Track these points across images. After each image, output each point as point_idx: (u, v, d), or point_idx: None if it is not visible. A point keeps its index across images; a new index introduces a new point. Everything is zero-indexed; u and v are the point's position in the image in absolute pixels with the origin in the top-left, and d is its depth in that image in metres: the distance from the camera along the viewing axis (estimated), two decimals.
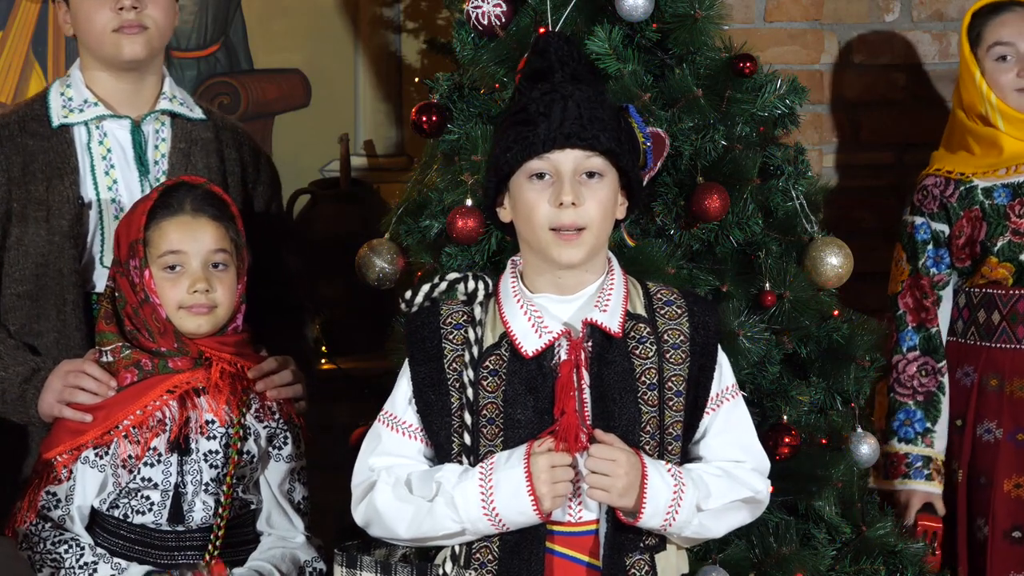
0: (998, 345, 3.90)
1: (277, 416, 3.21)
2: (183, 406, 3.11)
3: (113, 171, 3.39)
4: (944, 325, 3.96)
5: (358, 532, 2.86)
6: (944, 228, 3.93)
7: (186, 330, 3.13)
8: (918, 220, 3.95)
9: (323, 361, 4.19)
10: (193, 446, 3.11)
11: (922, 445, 3.90)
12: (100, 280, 3.36)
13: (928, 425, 3.90)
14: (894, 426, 3.92)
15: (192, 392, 3.12)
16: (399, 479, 2.76)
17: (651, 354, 2.75)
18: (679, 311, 2.80)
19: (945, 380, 3.92)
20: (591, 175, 2.71)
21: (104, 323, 3.19)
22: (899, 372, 3.92)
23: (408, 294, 2.82)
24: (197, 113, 3.50)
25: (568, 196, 2.68)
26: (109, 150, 3.40)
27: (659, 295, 2.82)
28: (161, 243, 3.13)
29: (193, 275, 3.12)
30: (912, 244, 3.95)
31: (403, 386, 2.81)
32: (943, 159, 4.00)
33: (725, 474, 2.78)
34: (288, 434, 3.22)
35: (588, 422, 2.70)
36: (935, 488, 3.90)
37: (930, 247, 3.94)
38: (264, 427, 3.19)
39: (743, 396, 2.87)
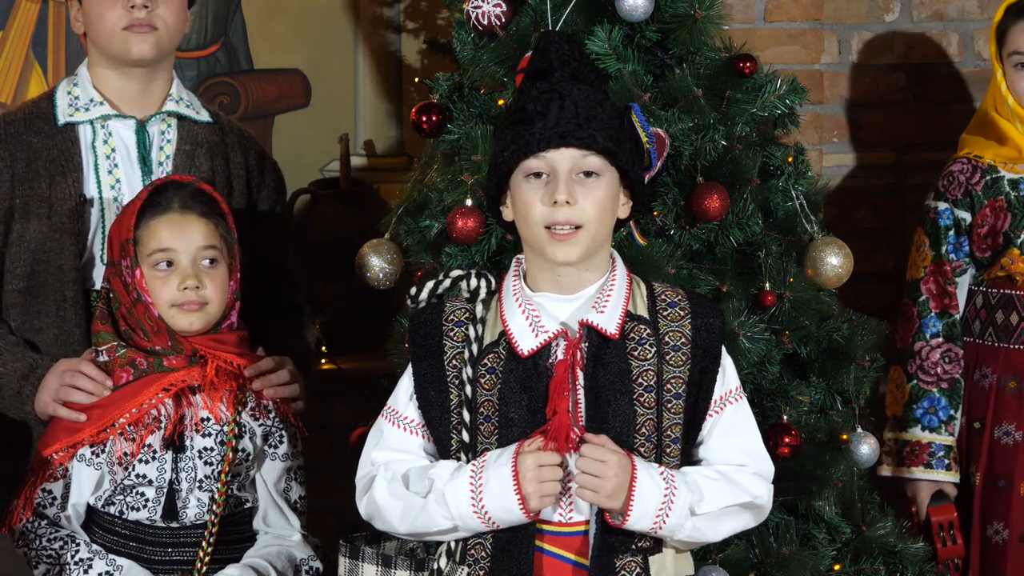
0: (1016, 346, 3.86)
1: (273, 415, 3.21)
2: (178, 404, 3.12)
3: (116, 170, 3.40)
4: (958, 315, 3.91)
5: (359, 530, 2.88)
6: (966, 216, 3.88)
7: (179, 327, 3.13)
8: (941, 206, 3.90)
9: (323, 361, 4.19)
10: (188, 443, 3.11)
11: (945, 434, 3.86)
12: (100, 278, 3.35)
13: (952, 413, 3.86)
14: (916, 414, 3.87)
15: (187, 390, 3.13)
16: (396, 474, 2.76)
17: (650, 356, 2.74)
18: (682, 313, 2.78)
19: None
20: (588, 174, 2.71)
21: (99, 323, 3.20)
22: (923, 359, 3.87)
23: (413, 290, 2.83)
24: (204, 116, 3.51)
25: (562, 195, 2.68)
26: (113, 149, 3.41)
27: (663, 296, 2.80)
28: (151, 241, 3.13)
29: (183, 272, 3.13)
30: (935, 230, 3.90)
31: (405, 382, 2.82)
32: (972, 143, 3.94)
33: (723, 478, 2.76)
34: (284, 433, 3.22)
35: (581, 423, 2.70)
36: (953, 477, 3.87)
37: (952, 233, 3.89)
38: (260, 425, 3.19)
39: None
